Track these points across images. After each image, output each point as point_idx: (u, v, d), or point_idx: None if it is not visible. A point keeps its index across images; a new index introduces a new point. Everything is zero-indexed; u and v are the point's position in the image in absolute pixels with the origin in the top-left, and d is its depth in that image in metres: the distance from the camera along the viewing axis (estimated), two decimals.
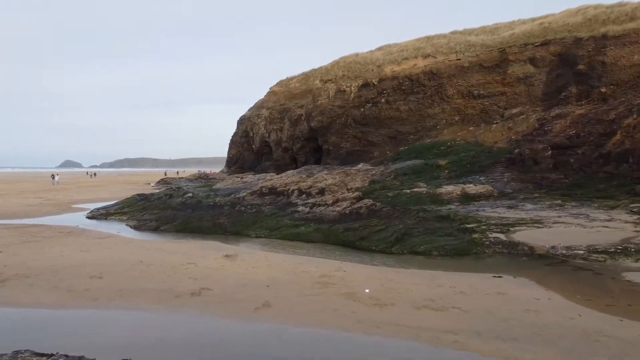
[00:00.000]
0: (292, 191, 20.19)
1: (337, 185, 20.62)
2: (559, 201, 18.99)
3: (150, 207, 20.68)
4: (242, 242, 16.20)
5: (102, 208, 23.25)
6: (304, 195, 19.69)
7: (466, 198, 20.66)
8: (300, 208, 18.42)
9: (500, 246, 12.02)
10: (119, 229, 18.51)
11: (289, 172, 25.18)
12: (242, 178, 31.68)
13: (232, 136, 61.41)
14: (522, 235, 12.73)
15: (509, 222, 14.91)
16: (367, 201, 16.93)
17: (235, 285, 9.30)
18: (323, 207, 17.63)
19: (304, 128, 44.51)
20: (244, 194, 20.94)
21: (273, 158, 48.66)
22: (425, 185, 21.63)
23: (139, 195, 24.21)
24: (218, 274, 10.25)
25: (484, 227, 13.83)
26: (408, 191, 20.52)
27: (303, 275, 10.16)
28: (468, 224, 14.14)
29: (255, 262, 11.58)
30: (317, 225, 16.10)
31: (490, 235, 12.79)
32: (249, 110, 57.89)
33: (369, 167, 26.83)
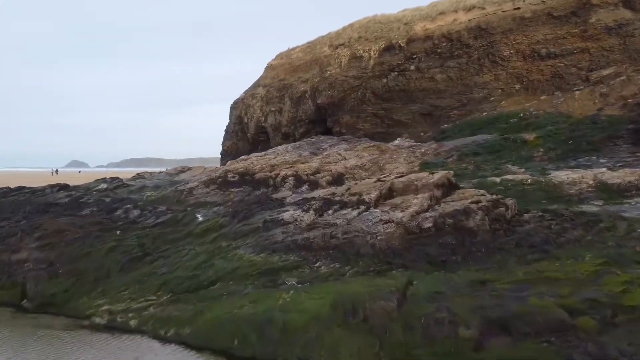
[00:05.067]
0: (284, 179, 10.47)
1: (366, 169, 11.15)
2: None
3: None
4: None
5: None
6: (306, 187, 10.08)
7: (605, 191, 11.23)
8: (289, 213, 7.31)
9: None
10: None
11: (281, 147, 15.29)
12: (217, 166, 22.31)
13: (226, 126, 52.16)
14: None
15: None
16: (474, 193, 6.52)
17: None
18: (355, 210, 6.75)
19: (309, 108, 35.30)
20: (195, 183, 11.27)
21: (270, 147, 39.30)
22: (522, 171, 12.11)
23: (10, 187, 14.41)
24: None
25: None
26: (497, 180, 11.07)
27: None
28: None
29: None
30: (346, 277, 5.32)
31: None
32: (244, 92, 48.40)
33: (413, 143, 17.16)
